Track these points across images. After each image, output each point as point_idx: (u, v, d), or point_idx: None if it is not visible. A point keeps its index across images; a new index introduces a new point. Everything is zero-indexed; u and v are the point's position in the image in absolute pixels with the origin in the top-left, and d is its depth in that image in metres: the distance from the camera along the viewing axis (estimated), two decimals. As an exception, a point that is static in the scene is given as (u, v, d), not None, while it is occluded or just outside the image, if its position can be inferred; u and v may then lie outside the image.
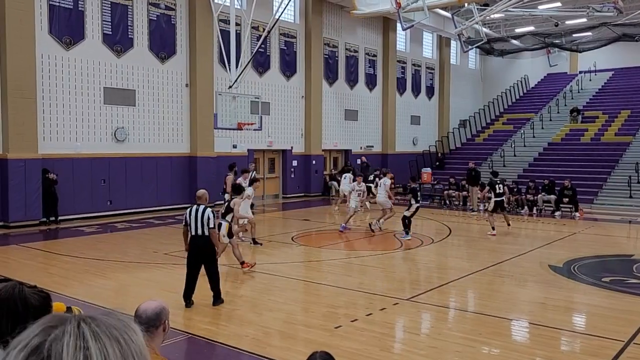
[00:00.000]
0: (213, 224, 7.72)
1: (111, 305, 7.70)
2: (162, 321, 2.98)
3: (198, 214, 7.70)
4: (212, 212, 7.80)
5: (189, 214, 7.78)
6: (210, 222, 7.67)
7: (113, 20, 16.67)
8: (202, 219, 7.65)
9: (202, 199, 7.92)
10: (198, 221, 7.66)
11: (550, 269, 10.26)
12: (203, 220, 7.65)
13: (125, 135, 17.12)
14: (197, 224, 7.67)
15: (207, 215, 7.67)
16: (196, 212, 7.72)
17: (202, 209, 7.73)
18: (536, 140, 26.74)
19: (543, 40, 28.80)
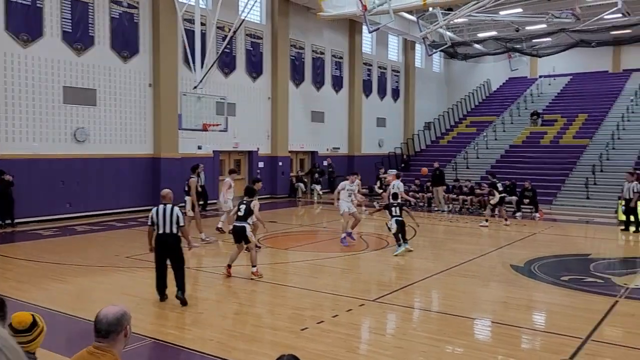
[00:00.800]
0: (183, 222, 7.89)
1: (71, 311, 7.48)
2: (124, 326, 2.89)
3: (166, 213, 7.81)
4: (180, 210, 7.94)
5: (156, 214, 7.85)
6: (180, 220, 7.83)
7: (73, 17, 16.23)
8: (171, 218, 7.78)
9: (166, 198, 8.02)
10: (167, 220, 7.79)
11: (512, 268, 10.48)
12: (172, 219, 7.78)
13: (85, 136, 16.69)
14: (165, 223, 7.79)
15: (176, 213, 7.84)
16: (164, 212, 7.82)
17: (170, 208, 7.87)
18: (498, 143, 27.33)
19: (504, 45, 29.53)
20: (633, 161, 21.86)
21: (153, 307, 7.97)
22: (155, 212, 7.88)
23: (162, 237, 7.84)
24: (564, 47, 28.45)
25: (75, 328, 6.96)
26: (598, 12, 24.22)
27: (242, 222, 9.35)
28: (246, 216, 9.36)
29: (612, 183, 20.42)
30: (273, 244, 12.96)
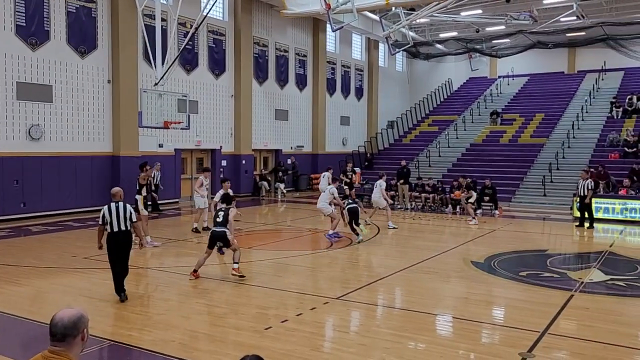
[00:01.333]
0: (135, 218, 8.04)
1: (26, 314, 7.22)
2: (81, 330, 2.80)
3: (119, 210, 7.88)
4: (132, 207, 8.07)
5: (108, 212, 7.87)
6: (132, 217, 8.00)
7: (27, 11, 15.68)
8: (124, 215, 7.86)
9: (117, 196, 8.10)
10: (120, 217, 7.85)
11: (473, 264, 10.69)
12: (125, 216, 7.87)
13: (41, 133, 16.15)
14: (119, 220, 7.85)
15: (129, 210, 7.97)
16: (117, 209, 7.88)
17: (123, 206, 7.94)
18: (459, 141, 27.83)
19: (465, 46, 30.11)
20: (587, 159, 22.64)
21: (112, 308, 7.78)
22: (107, 211, 7.89)
23: (116, 235, 7.88)
24: (522, 48, 29.21)
25: (30, 332, 6.73)
26: (554, 15, 24.97)
27: (222, 227, 9.29)
28: (225, 222, 9.32)
29: (567, 181, 21.09)
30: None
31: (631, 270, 10.40)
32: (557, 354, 6.11)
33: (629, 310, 8.02)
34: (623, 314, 7.74)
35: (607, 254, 11.94)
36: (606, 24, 25.72)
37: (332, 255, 12.00)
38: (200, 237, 13.32)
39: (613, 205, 17.54)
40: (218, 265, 10.74)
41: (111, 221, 7.84)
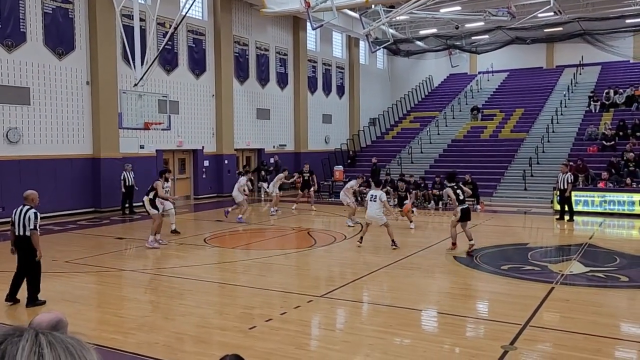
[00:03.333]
0: (33, 226, 7.66)
1: (5, 319, 7.11)
2: (59, 334, 2.77)
3: (21, 214, 7.67)
4: (34, 214, 7.69)
5: (14, 214, 7.75)
6: (30, 224, 7.63)
7: (2, 12, 15.41)
8: (23, 220, 7.64)
9: (27, 199, 7.80)
10: (20, 222, 7.66)
11: (455, 260, 10.79)
12: (25, 221, 7.64)
13: (18, 137, 15.90)
14: (19, 225, 7.68)
15: (28, 216, 7.67)
16: (20, 213, 7.68)
17: (25, 210, 7.68)
18: (441, 138, 28.03)
19: (445, 42, 30.31)
20: (566, 153, 22.96)
21: (94, 312, 7.71)
22: (14, 213, 7.82)
23: (18, 239, 7.76)
24: (501, 44, 29.51)
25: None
26: (532, 11, 25.25)
27: None
28: None
29: (547, 174, 21.37)
30: (220, 243, 12.79)
31: (610, 262, 10.59)
32: (539, 346, 6.20)
33: (609, 301, 8.17)
34: (603, 305, 7.89)
35: (586, 246, 12.14)
36: (583, 19, 26.10)
37: (316, 253, 12.02)
38: (184, 238, 13.25)
39: (592, 198, 17.83)
40: (199, 266, 10.69)
41: (15, 224, 7.75)
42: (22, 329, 0.85)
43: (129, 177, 17.58)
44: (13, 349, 0.80)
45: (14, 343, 0.81)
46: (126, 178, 17.51)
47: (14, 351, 0.79)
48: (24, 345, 0.81)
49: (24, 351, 0.80)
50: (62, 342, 0.84)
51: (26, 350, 0.80)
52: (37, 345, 0.81)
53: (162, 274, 9.80)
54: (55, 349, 0.82)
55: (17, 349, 0.80)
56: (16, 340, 0.81)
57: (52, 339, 0.84)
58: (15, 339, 0.82)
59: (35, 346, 0.81)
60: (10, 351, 0.79)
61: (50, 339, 0.83)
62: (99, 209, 17.89)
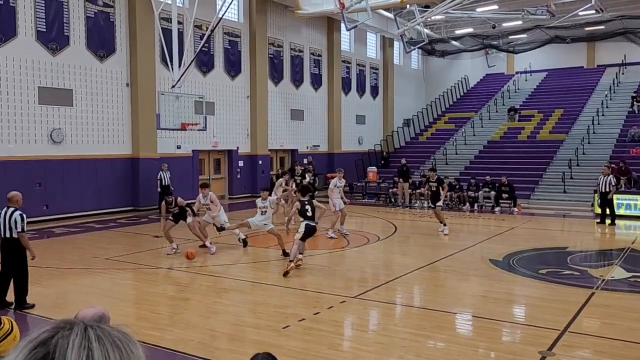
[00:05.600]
0: (21, 228, 7.64)
1: (50, 314, 7.37)
2: (101, 329, 2.87)
3: (6, 216, 7.65)
4: (20, 215, 7.64)
5: None
6: (17, 226, 7.61)
7: (47, 16, 15.96)
8: (9, 222, 7.62)
9: (11, 201, 7.78)
10: (6, 223, 7.64)
11: (491, 262, 10.62)
12: (10, 223, 7.61)
13: (62, 137, 16.43)
14: (5, 227, 7.66)
15: (14, 218, 7.61)
16: (5, 215, 7.66)
17: (10, 212, 7.65)
18: (476, 139, 27.62)
19: (481, 42, 29.83)
20: (608, 155, 22.30)
21: (133, 308, 7.91)
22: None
23: (3, 241, 7.74)
24: (540, 44, 28.85)
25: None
26: (572, 9, 24.63)
27: None
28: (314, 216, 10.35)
29: (588, 177, 20.80)
30: (254, 243, 12.92)
31: (653, 267, 10.24)
32: (577, 352, 6.06)
33: (651, 307, 7.91)
34: (645, 311, 7.64)
35: (629, 251, 11.77)
36: (625, 17, 25.28)
37: (349, 254, 12.02)
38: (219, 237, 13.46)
39: (635, 201, 17.27)
40: (233, 265, 10.84)
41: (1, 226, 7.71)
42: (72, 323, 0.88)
43: (165, 177, 17.95)
44: (64, 343, 0.83)
45: (65, 337, 0.84)
46: (162, 178, 17.88)
47: (65, 345, 0.83)
48: (74, 339, 0.84)
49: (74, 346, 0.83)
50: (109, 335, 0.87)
51: (76, 344, 0.83)
52: (86, 340, 0.84)
53: (197, 272, 9.98)
54: (103, 343, 0.85)
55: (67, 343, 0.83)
56: (67, 334, 0.85)
57: (100, 333, 0.86)
58: (66, 332, 0.85)
59: (84, 340, 0.84)
60: (61, 345, 0.83)
61: (99, 333, 0.86)
62: (138, 207, 18.33)
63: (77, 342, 0.83)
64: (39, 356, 0.82)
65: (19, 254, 7.69)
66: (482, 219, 17.63)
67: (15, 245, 7.66)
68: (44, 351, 0.82)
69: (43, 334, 0.85)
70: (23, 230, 7.64)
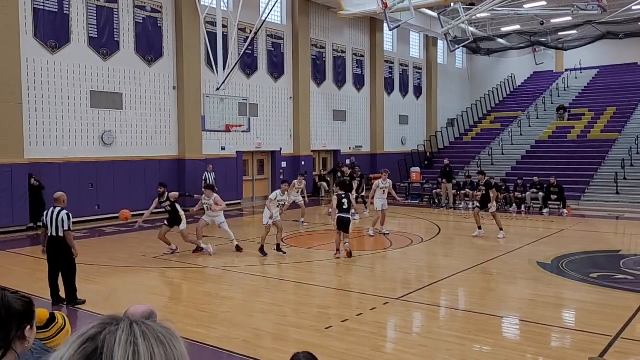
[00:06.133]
0: (67, 227, 7.94)
1: (101, 310, 7.64)
2: (150, 325, 2.95)
3: (53, 216, 7.94)
4: (66, 215, 7.96)
5: (46, 216, 8.05)
6: (64, 224, 7.92)
7: (99, 23, 16.55)
8: (56, 221, 7.90)
9: (58, 201, 8.11)
10: (53, 223, 7.93)
11: (539, 265, 10.34)
12: (57, 222, 7.90)
13: (112, 139, 17.00)
14: (52, 226, 7.94)
15: (61, 217, 7.91)
16: (52, 214, 7.96)
17: (57, 211, 7.96)
18: (523, 138, 26.93)
19: (529, 39, 29.04)
20: (664, 155, 21.32)
21: (180, 306, 8.10)
22: (45, 215, 8.11)
23: (51, 240, 8.01)
24: (591, 40, 27.86)
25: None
26: (625, 3, 23.66)
27: None
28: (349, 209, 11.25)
29: (642, 177, 19.95)
30: (297, 243, 13.01)
31: None
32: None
33: None
34: None
35: (687, 255, 11.21)
36: (684, 10, 24.12)
37: (392, 255, 11.93)
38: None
39: (694, 203, 16.44)
40: (276, 265, 10.93)
41: (47, 225, 8.00)
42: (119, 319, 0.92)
43: (209, 177, 18.31)
44: (111, 339, 0.87)
45: (112, 333, 0.88)
46: (207, 178, 18.24)
47: (112, 341, 0.87)
48: (120, 335, 0.87)
49: (121, 341, 0.87)
50: (154, 331, 0.90)
51: (123, 340, 0.87)
52: (132, 336, 0.88)
53: (241, 272, 10.12)
54: (148, 338, 0.88)
55: (114, 339, 0.87)
56: (114, 329, 0.89)
57: (145, 329, 0.90)
58: (113, 328, 0.89)
59: (130, 336, 0.88)
60: (109, 340, 0.87)
61: (144, 329, 0.90)
62: (185, 207, 18.66)
63: (123, 337, 0.87)
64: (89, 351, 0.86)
65: (66, 251, 8.02)
66: (530, 220, 17.16)
67: (62, 244, 7.97)
68: (93, 346, 0.86)
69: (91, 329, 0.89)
70: (69, 229, 7.98)
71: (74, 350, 0.86)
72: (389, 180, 14.08)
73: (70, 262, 8.07)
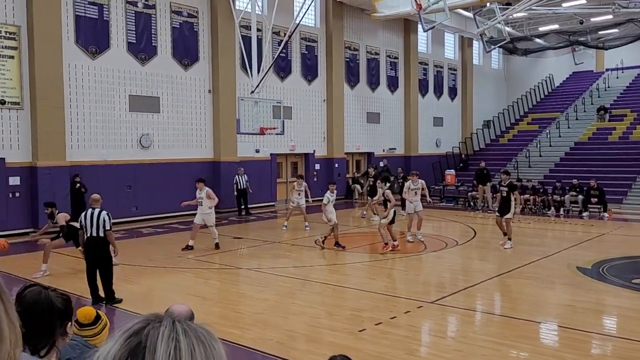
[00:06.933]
0: (109, 226, 8.25)
1: (139, 310, 7.81)
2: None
3: (93, 217, 8.21)
4: (107, 215, 8.27)
5: (84, 217, 8.29)
6: (106, 224, 8.22)
7: (137, 29, 16.96)
8: (97, 222, 8.17)
9: (97, 202, 8.43)
10: (93, 223, 8.19)
11: (578, 270, 10.07)
12: (99, 223, 8.18)
13: (150, 142, 17.37)
14: (92, 226, 8.19)
15: (102, 217, 8.22)
16: (91, 215, 8.23)
17: (98, 212, 8.26)
18: (562, 140, 26.29)
19: (568, 39, 28.31)
20: None
21: (215, 307, 8.21)
22: (83, 216, 8.33)
23: (90, 240, 8.22)
24: (633, 38, 26.95)
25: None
26: (670, 0, 22.83)
27: None
28: None
29: (688, 180, 19.20)
30: (330, 245, 13.02)
31: None
32: (677, 370, 5.61)
33: None
34: None
35: None
36: None
37: (426, 258, 11.82)
38: (295, 239, 13.67)
39: None
40: (309, 267, 10.97)
41: (86, 226, 8.22)
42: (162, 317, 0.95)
43: (240, 180, 18.44)
44: (155, 334, 0.90)
45: (155, 328, 0.91)
46: (238, 182, 18.39)
47: (155, 336, 0.90)
48: (163, 331, 0.91)
49: (164, 337, 0.90)
50: (194, 330, 0.93)
51: (165, 335, 0.90)
52: (174, 332, 0.91)
53: (275, 274, 10.19)
54: (189, 336, 0.91)
55: (157, 334, 0.90)
56: (157, 325, 0.92)
57: (186, 327, 0.93)
58: (156, 324, 0.92)
59: (172, 332, 0.91)
60: (152, 335, 0.90)
61: (185, 327, 0.93)
62: (219, 209, 18.98)
63: (166, 333, 0.90)
64: (133, 345, 0.89)
65: (105, 251, 8.28)
66: (569, 224, 16.74)
67: (101, 244, 8.24)
68: (137, 340, 0.89)
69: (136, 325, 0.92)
70: (110, 228, 8.29)
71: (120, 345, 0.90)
72: (420, 181, 13.78)
73: (107, 262, 8.30)
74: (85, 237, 8.30)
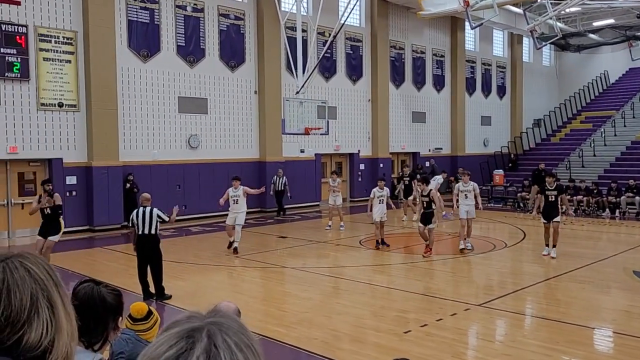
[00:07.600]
0: (166, 217, 8.53)
1: (188, 306, 8.00)
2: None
3: (145, 214, 8.38)
4: (159, 209, 8.48)
5: (136, 216, 8.44)
6: (163, 216, 8.51)
7: (186, 32, 17.38)
8: (150, 219, 8.34)
9: (149, 201, 8.62)
10: (146, 221, 8.35)
11: (635, 275, 9.65)
12: (151, 220, 8.38)
13: (198, 142, 17.77)
14: (144, 224, 8.36)
15: (155, 213, 8.42)
16: (143, 213, 8.39)
17: (150, 210, 8.43)
18: (618, 139, 25.23)
19: (624, 34, 27.13)
20: None
21: (261, 305, 8.32)
22: (135, 215, 8.48)
23: (142, 238, 8.37)
24: (695, 32, 25.63)
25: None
26: None
27: None
28: None
29: None
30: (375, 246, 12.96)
31: None
32: None
33: None
34: None
35: None
36: None
37: (474, 260, 11.59)
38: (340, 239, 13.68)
39: None
40: (354, 267, 10.95)
41: (138, 224, 8.39)
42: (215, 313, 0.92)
43: (279, 182, 18.50)
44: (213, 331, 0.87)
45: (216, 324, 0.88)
46: (276, 182, 18.49)
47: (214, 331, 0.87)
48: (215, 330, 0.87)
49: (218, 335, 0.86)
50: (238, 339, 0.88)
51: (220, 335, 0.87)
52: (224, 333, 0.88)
53: (320, 273, 10.23)
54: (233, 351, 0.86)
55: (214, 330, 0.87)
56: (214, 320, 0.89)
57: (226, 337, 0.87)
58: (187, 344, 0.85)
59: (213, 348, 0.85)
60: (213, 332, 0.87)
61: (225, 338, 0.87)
62: (264, 209, 19.24)
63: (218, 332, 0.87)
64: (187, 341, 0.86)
65: (156, 248, 8.52)
66: (625, 226, 16.06)
67: (153, 241, 8.48)
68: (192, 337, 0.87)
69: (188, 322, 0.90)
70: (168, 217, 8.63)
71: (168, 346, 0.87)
72: (472, 183, 12.45)
73: (158, 259, 8.54)
74: (137, 235, 8.54)
